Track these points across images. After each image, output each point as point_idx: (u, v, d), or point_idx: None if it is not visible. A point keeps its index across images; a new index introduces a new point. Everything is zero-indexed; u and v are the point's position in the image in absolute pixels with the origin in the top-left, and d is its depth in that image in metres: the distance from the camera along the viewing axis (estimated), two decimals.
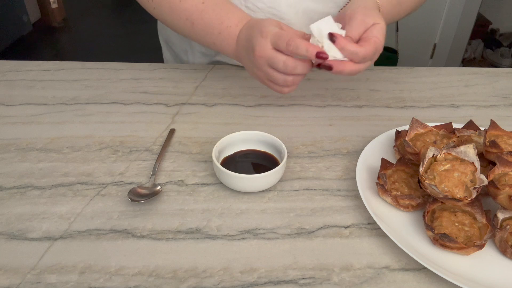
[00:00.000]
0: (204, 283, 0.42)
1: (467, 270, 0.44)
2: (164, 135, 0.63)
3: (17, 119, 0.65)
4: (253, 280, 0.43)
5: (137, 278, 0.43)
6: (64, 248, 0.45)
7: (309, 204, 0.52)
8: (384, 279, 0.43)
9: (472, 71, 0.84)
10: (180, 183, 0.54)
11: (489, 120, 0.56)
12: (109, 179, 0.54)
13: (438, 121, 0.63)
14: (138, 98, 0.71)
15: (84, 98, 0.71)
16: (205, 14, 0.62)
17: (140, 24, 3.16)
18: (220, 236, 0.47)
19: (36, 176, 0.54)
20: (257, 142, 0.58)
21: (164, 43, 0.92)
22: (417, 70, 0.83)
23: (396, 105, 0.72)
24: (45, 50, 2.88)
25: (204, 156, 0.59)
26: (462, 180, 0.47)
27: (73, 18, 3.31)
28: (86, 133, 0.63)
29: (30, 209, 0.50)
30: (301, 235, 0.48)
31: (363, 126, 0.66)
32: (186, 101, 0.71)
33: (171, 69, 0.80)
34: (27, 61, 0.81)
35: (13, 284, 0.41)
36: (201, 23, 0.63)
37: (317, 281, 0.43)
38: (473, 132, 0.57)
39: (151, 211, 0.50)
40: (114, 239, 0.47)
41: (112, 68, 0.80)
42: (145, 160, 0.58)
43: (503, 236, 0.45)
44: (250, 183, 0.52)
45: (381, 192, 0.51)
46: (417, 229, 0.48)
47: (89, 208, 0.50)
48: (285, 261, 0.45)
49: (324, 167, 0.58)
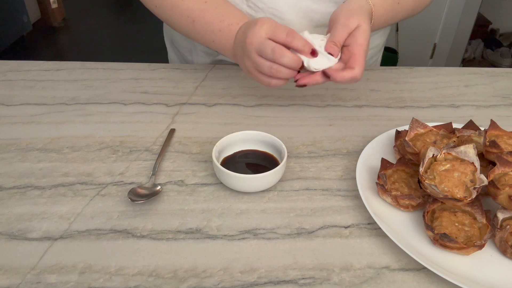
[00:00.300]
0: (204, 283, 0.42)
1: (467, 270, 0.43)
2: (164, 135, 0.63)
3: (17, 119, 0.65)
4: (253, 280, 0.43)
5: (137, 278, 0.43)
6: (64, 248, 0.45)
7: (309, 204, 0.52)
8: (384, 279, 0.43)
9: (472, 71, 0.84)
10: (180, 183, 0.54)
11: (489, 120, 0.56)
12: (109, 179, 0.54)
13: (438, 121, 0.63)
14: (138, 98, 0.71)
15: (84, 98, 0.71)
16: (206, 12, 0.63)
17: (140, 24, 3.16)
18: (220, 236, 0.47)
19: (36, 176, 0.54)
20: (257, 142, 0.58)
21: (169, 44, 0.92)
22: (417, 70, 0.84)
23: (396, 105, 0.72)
24: (45, 50, 2.88)
25: (204, 156, 0.59)
26: (462, 180, 0.47)
27: (73, 18, 3.31)
28: (86, 133, 0.63)
29: (30, 209, 0.50)
30: (301, 235, 0.48)
31: (363, 126, 0.66)
32: (186, 101, 0.71)
33: (171, 69, 0.80)
34: (27, 61, 0.81)
35: (13, 284, 0.41)
36: (202, 21, 0.64)
37: (317, 281, 0.43)
38: (473, 132, 0.57)
39: (151, 211, 0.50)
40: (114, 239, 0.47)
41: (112, 68, 0.80)
42: (145, 160, 0.58)
43: (503, 236, 0.45)
44: (250, 183, 0.52)
45: (381, 192, 0.51)
46: (417, 229, 0.48)
47: (89, 208, 0.50)
48: (285, 261, 0.45)
49: (324, 167, 0.58)
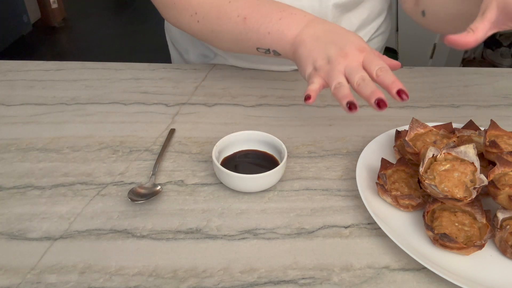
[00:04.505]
0: (204, 283, 0.42)
1: (467, 270, 0.43)
2: (164, 135, 0.63)
3: (17, 119, 0.65)
4: (253, 280, 0.43)
5: (137, 278, 0.43)
6: (64, 248, 0.45)
7: (309, 204, 0.52)
8: (384, 279, 0.43)
9: (472, 71, 0.84)
10: (180, 183, 0.54)
11: (489, 120, 0.56)
12: (109, 179, 0.54)
13: (438, 121, 0.63)
14: (138, 98, 0.71)
15: (84, 98, 0.71)
16: (262, 6, 0.60)
17: (140, 24, 3.16)
18: (220, 236, 0.47)
19: (36, 176, 0.54)
20: (257, 142, 0.58)
21: (170, 43, 0.92)
22: (417, 70, 0.83)
23: (396, 105, 0.72)
24: (45, 50, 2.88)
25: (204, 156, 0.59)
26: (462, 180, 0.47)
27: (73, 18, 3.31)
28: (86, 133, 0.63)
29: (30, 209, 0.50)
30: (301, 235, 0.48)
31: (363, 126, 0.66)
32: (186, 101, 0.71)
33: (171, 69, 0.80)
34: (27, 61, 0.81)
35: (13, 284, 0.41)
36: (257, 15, 0.59)
37: (317, 281, 0.43)
38: (473, 132, 0.57)
39: (151, 211, 0.50)
40: (114, 239, 0.47)
41: (112, 68, 0.80)
42: (145, 160, 0.58)
43: (503, 236, 0.45)
44: (250, 183, 0.52)
45: (381, 192, 0.51)
46: (417, 229, 0.48)
47: (89, 208, 0.50)
48: (285, 261, 0.45)
49: (324, 167, 0.58)
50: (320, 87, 0.52)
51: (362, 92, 0.49)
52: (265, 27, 0.58)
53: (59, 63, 0.81)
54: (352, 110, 0.48)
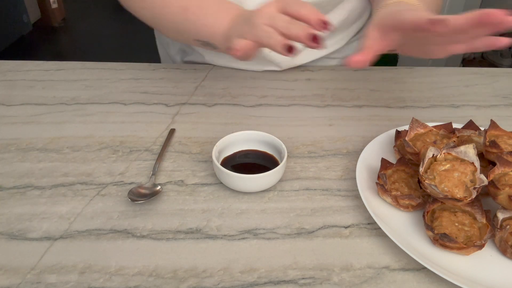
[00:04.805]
0: (204, 283, 0.42)
1: (467, 270, 0.43)
2: (164, 135, 0.63)
3: (17, 119, 0.65)
4: (253, 280, 0.43)
5: (137, 278, 0.43)
6: (64, 248, 0.45)
7: (309, 204, 0.52)
8: (384, 279, 0.43)
9: (472, 71, 0.84)
10: (180, 183, 0.54)
11: (489, 120, 0.56)
12: (109, 179, 0.54)
13: (438, 121, 0.63)
14: (138, 98, 0.71)
15: (84, 98, 0.71)
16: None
17: (140, 24, 3.14)
18: (220, 236, 0.47)
19: (36, 176, 0.54)
20: (257, 142, 0.58)
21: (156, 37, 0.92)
22: (417, 70, 0.84)
23: (396, 105, 0.72)
24: (45, 50, 2.88)
25: (204, 156, 0.59)
26: (462, 180, 0.47)
27: (73, 18, 3.31)
28: (86, 133, 0.63)
29: (30, 209, 0.50)
30: (301, 235, 0.48)
31: (363, 126, 0.66)
32: (186, 101, 0.71)
33: (171, 69, 0.80)
34: (27, 61, 0.81)
35: (13, 284, 0.41)
36: (195, 7, 0.61)
37: (317, 281, 0.43)
38: (473, 132, 0.57)
39: (151, 211, 0.50)
40: (114, 239, 0.47)
41: (112, 68, 0.80)
42: (145, 160, 0.58)
43: (503, 236, 0.45)
44: (250, 183, 0.52)
45: (381, 192, 0.51)
46: (417, 229, 0.48)
47: (89, 208, 0.50)
48: (285, 261, 0.45)
49: (324, 167, 0.58)
50: (248, 43, 0.52)
51: (292, 34, 0.48)
52: (201, 19, 0.60)
53: (59, 63, 0.81)
54: (292, 52, 0.47)
